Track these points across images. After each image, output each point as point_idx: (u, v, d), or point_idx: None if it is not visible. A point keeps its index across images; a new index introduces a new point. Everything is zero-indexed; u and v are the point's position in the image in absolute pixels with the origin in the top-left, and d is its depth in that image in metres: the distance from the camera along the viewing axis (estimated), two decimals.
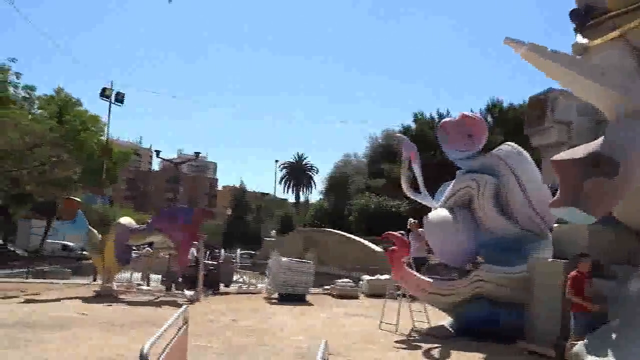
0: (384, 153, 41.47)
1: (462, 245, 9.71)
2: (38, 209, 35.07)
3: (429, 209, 10.74)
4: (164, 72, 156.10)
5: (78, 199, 15.73)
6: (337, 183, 47.98)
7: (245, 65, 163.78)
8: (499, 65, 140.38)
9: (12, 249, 34.21)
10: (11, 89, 25.60)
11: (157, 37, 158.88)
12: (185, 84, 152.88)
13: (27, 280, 17.99)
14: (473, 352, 7.94)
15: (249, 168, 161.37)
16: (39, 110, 29.28)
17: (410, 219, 12.64)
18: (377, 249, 23.26)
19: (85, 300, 12.80)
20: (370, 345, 8.28)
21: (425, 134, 34.24)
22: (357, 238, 27.00)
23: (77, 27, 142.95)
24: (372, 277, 16.55)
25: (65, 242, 35.87)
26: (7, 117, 21.10)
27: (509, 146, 9.82)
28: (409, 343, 8.69)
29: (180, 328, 3.66)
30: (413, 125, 37.97)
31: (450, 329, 9.48)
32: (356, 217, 36.42)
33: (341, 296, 15.20)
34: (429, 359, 7.68)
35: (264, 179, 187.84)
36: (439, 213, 10.04)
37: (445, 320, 9.85)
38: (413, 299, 10.40)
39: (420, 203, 11.67)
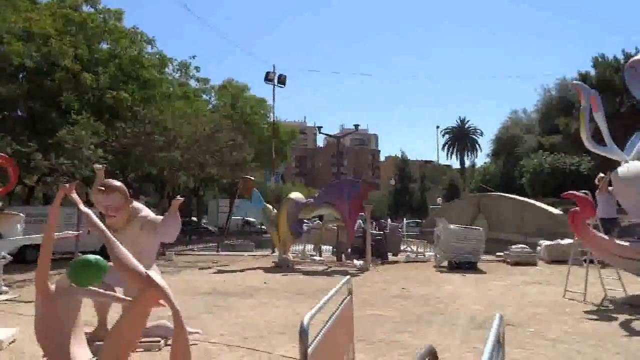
0: (559, 106, 37.51)
1: None
2: (223, 189, 39.39)
3: (616, 164, 9.40)
4: (319, 49, 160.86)
5: (253, 178, 17.05)
6: (505, 144, 44.83)
7: (393, 24, 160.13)
8: None
9: (205, 225, 38.87)
10: (192, 82, 28.50)
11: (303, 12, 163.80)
12: (339, 58, 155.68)
13: (219, 253, 20.21)
14: None
15: (411, 136, 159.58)
16: (215, 100, 32.35)
17: (601, 174, 11.09)
18: (556, 211, 21.36)
19: (266, 270, 13.95)
20: (558, 315, 7.55)
21: (610, 79, 30.16)
22: (532, 201, 25.12)
23: (243, 22, 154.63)
24: (552, 242, 15.28)
25: (247, 218, 39.64)
26: (190, 109, 23.73)
27: None
28: (601, 313, 7.77)
29: (344, 298, 3.68)
30: (592, 72, 33.60)
31: None
32: (529, 179, 33.72)
33: (517, 263, 14.32)
34: (629, 332, 6.60)
35: (426, 146, 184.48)
36: (632, 166, 8.72)
37: None
38: (603, 264, 9.26)
39: (605, 157, 10.25)
